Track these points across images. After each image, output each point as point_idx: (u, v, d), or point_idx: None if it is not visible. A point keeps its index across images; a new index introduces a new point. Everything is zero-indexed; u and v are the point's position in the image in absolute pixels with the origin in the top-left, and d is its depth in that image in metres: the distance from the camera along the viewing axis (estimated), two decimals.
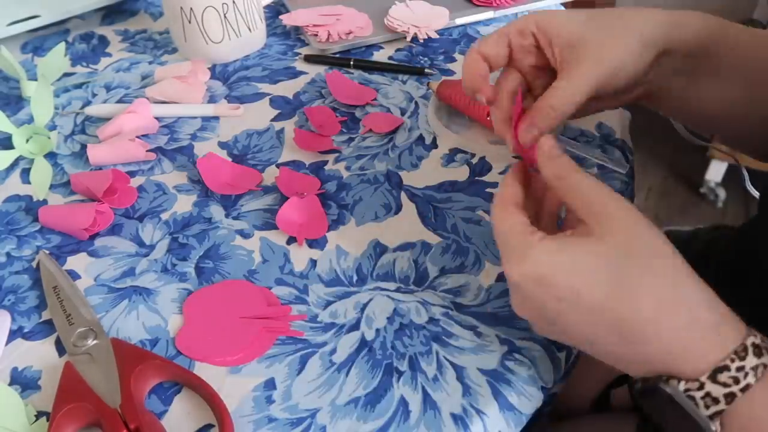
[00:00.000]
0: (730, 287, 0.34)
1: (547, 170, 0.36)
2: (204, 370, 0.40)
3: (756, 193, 0.56)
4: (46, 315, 0.45)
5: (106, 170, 0.54)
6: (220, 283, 0.46)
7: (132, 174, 0.55)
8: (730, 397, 0.29)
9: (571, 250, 0.32)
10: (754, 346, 0.30)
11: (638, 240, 0.32)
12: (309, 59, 0.67)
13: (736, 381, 0.29)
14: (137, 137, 0.57)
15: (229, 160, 0.56)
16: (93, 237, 0.50)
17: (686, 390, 0.30)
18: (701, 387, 0.30)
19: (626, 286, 0.31)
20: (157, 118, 0.61)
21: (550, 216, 0.39)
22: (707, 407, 0.30)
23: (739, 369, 0.29)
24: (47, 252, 0.48)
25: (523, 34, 0.41)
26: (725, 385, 0.29)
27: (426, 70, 0.65)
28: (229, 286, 0.45)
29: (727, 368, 0.29)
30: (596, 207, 0.33)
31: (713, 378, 0.29)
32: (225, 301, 0.44)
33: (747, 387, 0.29)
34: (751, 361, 0.29)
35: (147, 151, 0.56)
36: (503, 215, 0.36)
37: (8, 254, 0.49)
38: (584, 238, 0.33)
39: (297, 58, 0.69)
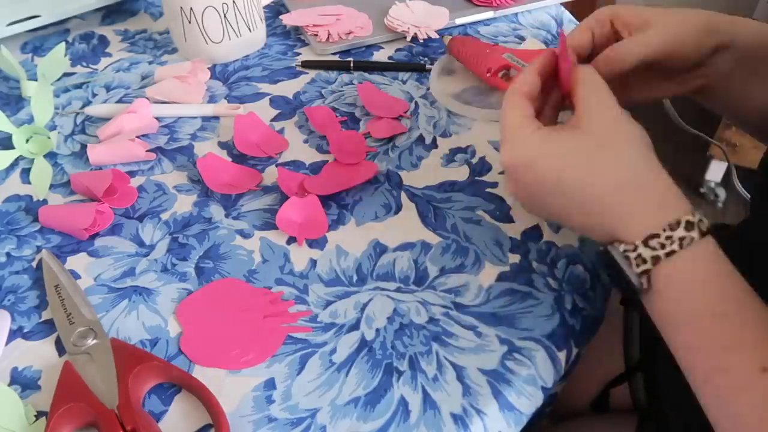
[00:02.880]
0: None
1: (566, 73, 0.41)
2: (204, 370, 0.40)
3: (746, 194, 0.56)
4: (46, 315, 0.45)
5: (106, 170, 0.54)
6: (210, 285, 0.45)
7: (132, 174, 0.55)
8: (655, 260, 0.35)
9: (558, 139, 0.38)
10: (688, 222, 0.35)
11: (614, 132, 0.38)
12: (306, 65, 0.67)
13: (662, 246, 0.35)
14: (137, 137, 0.57)
15: (229, 160, 0.56)
16: (93, 237, 0.50)
17: (624, 251, 0.36)
18: (635, 249, 0.35)
19: (596, 169, 0.37)
20: (157, 118, 0.61)
21: (552, 110, 0.44)
22: (638, 266, 0.35)
23: (668, 238, 0.35)
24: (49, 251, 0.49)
25: (601, 23, 0.45)
26: (653, 249, 0.35)
27: (427, 67, 0.65)
28: (221, 287, 0.45)
29: (657, 236, 0.35)
30: (587, 103, 0.39)
31: (645, 243, 0.35)
32: (221, 302, 0.44)
33: (671, 253, 0.35)
34: (679, 233, 0.35)
35: (147, 151, 0.56)
36: (511, 104, 0.40)
37: (8, 254, 0.49)
38: (571, 130, 0.38)
39: (297, 58, 0.69)
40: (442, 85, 0.63)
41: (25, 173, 0.57)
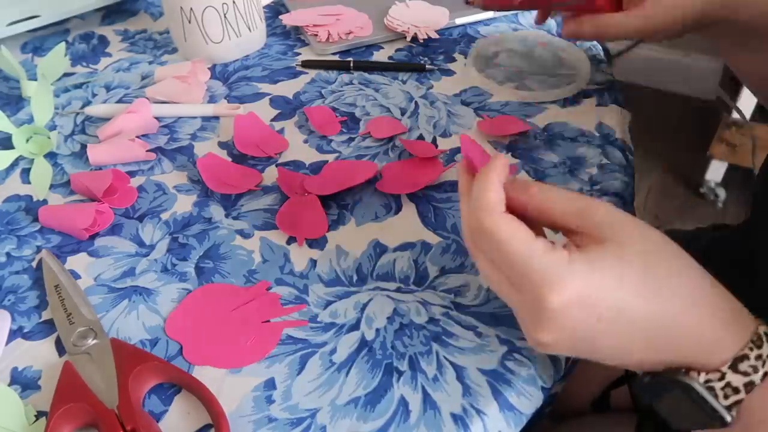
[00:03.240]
0: (731, 287, 0.35)
1: (514, 194, 0.33)
2: (204, 370, 0.40)
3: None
4: (46, 315, 0.45)
5: (106, 170, 0.54)
6: (191, 295, 0.45)
7: (132, 174, 0.55)
8: (750, 386, 0.29)
9: (600, 263, 0.30)
10: (767, 334, 0.30)
11: (650, 243, 0.31)
12: (306, 65, 0.67)
13: (755, 369, 0.29)
14: (137, 137, 0.57)
15: (229, 160, 0.56)
16: (93, 237, 0.50)
17: (706, 381, 0.30)
18: (722, 377, 0.30)
19: (658, 291, 0.30)
20: (157, 118, 0.61)
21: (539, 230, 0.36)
22: (726, 397, 0.30)
23: (758, 357, 0.29)
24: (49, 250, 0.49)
25: None
26: (745, 374, 0.29)
27: (427, 67, 0.65)
28: (202, 294, 0.45)
29: (746, 357, 0.29)
30: (588, 213, 0.32)
31: (734, 368, 0.29)
32: (209, 307, 0.44)
33: (765, 375, 0.29)
34: (767, 349, 0.30)
35: (147, 151, 0.56)
36: (512, 230, 0.31)
37: (8, 254, 0.49)
38: (602, 249, 0.31)
39: (297, 58, 0.69)
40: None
41: (25, 173, 0.57)
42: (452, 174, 0.53)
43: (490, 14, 0.72)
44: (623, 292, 0.30)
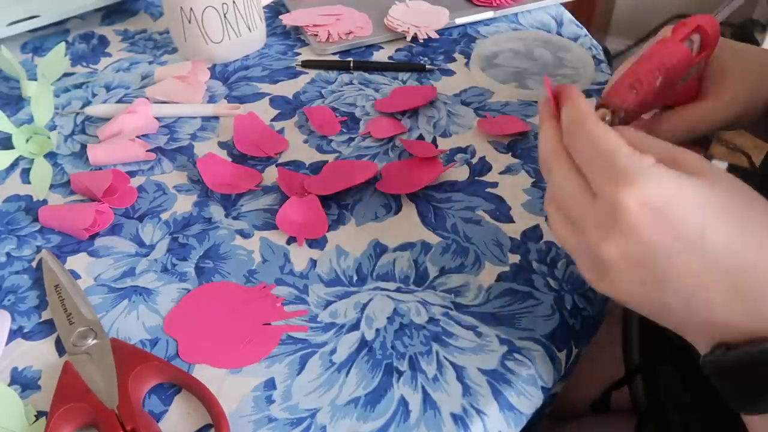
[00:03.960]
0: None
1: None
2: (204, 371, 0.40)
3: None
4: (46, 315, 0.45)
5: (106, 170, 0.54)
6: (192, 293, 0.45)
7: (132, 174, 0.55)
8: None
9: (692, 181, 0.28)
10: None
11: (747, 189, 0.29)
12: (306, 65, 0.67)
13: None
14: (137, 137, 0.57)
15: (229, 160, 0.56)
16: (93, 237, 0.50)
17: None
18: None
19: (755, 230, 0.27)
20: (157, 118, 0.61)
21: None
22: None
23: None
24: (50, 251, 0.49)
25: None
26: None
27: (427, 67, 0.65)
28: (203, 292, 0.45)
29: None
30: (685, 153, 0.30)
31: None
32: (211, 306, 0.44)
33: None
34: None
35: (147, 151, 0.56)
36: (602, 129, 0.30)
37: (8, 254, 0.49)
38: (698, 175, 0.28)
39: (297, 58, 0.69)
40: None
41: (25, 173, 0.57)
42: (453, 174, 0.53)
43: (490, 14, 0.72)
44: (711, 216, 0.27)
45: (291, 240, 0.49)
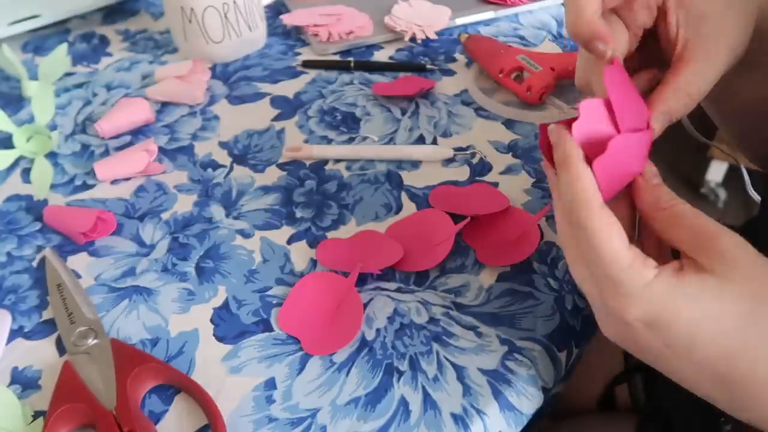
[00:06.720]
0: None
1: (647, 197, 0.31)
2: (204, 370, 0.40)
3: (757, 197, 0.55)
4: (46, 314, 0.45)
5: (91, 210, 0.51)
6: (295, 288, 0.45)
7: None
8: None
9: (693, 292, 0.28)
10: None
11: (764, 285, 0.28)
12: (307, 65, 0.67)
13: None
14: (143, 151, 0.55)
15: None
16: None
17: None
18: None
19: (751, 343, 0.27)
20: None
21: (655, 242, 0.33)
22: None
23: None
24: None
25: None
26: None
27: (428, 67, 0.65)
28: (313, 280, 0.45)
29: None
30: (710, 242, 0.29)
31: None
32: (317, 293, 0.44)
33: None
34: None
35: (153, 161, 0.55)
36: (605, 230, 0.29)
37: (9, 254, 0.49)
38: (704, 278, 0.28)
39: (297, 57, 0.69)
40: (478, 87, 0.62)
41: (26, 173, 0.57)
42: (452, 174, 0.53)
43: (490, 14, 0.72)
44: (705, 329, 0.28)
45: (291, 240, 0.49)
